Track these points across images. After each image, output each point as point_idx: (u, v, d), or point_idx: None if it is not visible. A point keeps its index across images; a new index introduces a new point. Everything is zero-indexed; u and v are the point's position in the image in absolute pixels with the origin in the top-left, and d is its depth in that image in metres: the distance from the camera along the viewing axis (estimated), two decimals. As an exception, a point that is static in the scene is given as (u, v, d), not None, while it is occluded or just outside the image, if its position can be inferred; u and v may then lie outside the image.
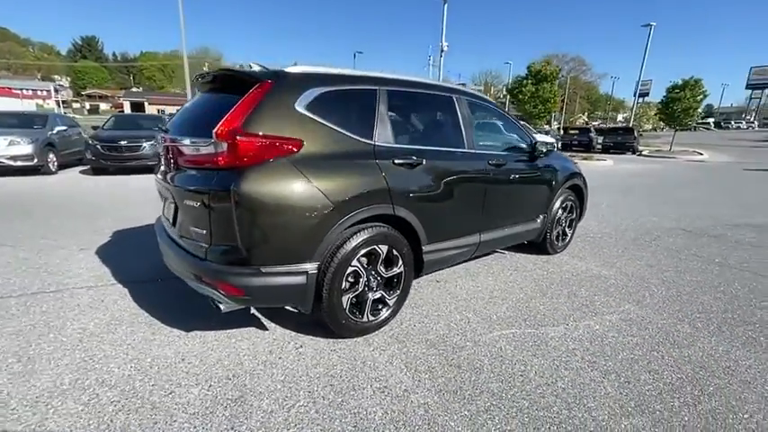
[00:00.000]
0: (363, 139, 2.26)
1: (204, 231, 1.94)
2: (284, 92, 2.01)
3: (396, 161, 2.35)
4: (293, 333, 2.42)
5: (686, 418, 1.78)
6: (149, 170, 9.18)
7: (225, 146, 1.83)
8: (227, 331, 2.42)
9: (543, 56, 57.40)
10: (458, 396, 1.90)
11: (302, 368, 2.08)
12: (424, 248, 2.56)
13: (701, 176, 11.56)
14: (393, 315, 2.52)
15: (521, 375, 2.07)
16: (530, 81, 19.53)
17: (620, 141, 21.50)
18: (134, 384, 1.91)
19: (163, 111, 47.95)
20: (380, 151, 2.31)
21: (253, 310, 2.66)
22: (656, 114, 27.24)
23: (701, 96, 19.68)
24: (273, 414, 1.75)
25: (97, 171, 9.17)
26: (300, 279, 2.02)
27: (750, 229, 5.29)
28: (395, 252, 2.39)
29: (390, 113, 2.44)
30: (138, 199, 6.29)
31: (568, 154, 14.79)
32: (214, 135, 1.83)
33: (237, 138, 1.82)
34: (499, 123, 3.38)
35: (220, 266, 1.92)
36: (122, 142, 8.86)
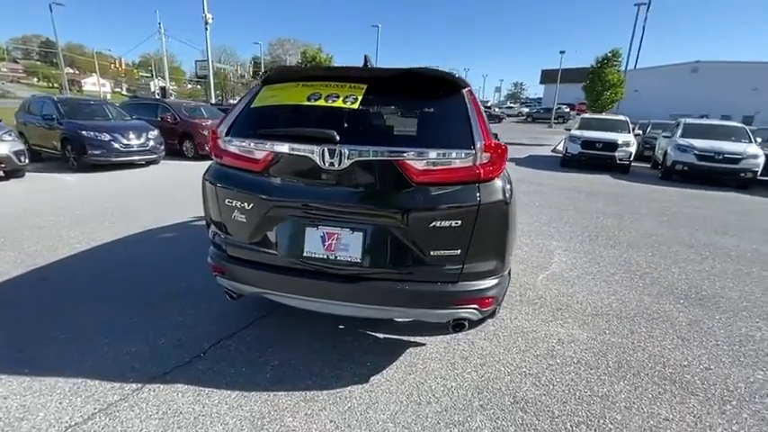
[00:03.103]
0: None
1: (458, 251, 1.70)
2: (474, 95, 1.94)
3: None
4: (444, 339, 2.34)
5: (687, 294, 3.04)
6: None
7: (488, 157, 1.70)
8: (397, 364, 2.11)
9: (276, 40, 58.44)
10: (610, 327, 2.53)
11: (520, 360, 2.18)
12: None
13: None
14: None
15: (611, 303, 2.87)
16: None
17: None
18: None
19: None
20: None
21: (381, 335, 2.34)
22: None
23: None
24: (577, 395, 1.86)
25: None
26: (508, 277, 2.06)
27: (545, 185, 8.06)
28: None
29: None
30: None
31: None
32: (480, 147, 1.67)
33: (501, 147, 1.74)
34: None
35: (478, 282, 1.76)
36: None
